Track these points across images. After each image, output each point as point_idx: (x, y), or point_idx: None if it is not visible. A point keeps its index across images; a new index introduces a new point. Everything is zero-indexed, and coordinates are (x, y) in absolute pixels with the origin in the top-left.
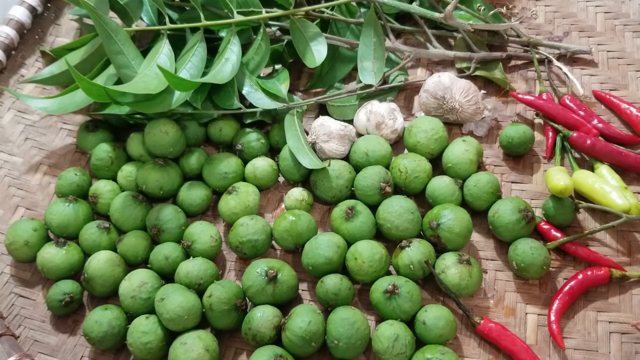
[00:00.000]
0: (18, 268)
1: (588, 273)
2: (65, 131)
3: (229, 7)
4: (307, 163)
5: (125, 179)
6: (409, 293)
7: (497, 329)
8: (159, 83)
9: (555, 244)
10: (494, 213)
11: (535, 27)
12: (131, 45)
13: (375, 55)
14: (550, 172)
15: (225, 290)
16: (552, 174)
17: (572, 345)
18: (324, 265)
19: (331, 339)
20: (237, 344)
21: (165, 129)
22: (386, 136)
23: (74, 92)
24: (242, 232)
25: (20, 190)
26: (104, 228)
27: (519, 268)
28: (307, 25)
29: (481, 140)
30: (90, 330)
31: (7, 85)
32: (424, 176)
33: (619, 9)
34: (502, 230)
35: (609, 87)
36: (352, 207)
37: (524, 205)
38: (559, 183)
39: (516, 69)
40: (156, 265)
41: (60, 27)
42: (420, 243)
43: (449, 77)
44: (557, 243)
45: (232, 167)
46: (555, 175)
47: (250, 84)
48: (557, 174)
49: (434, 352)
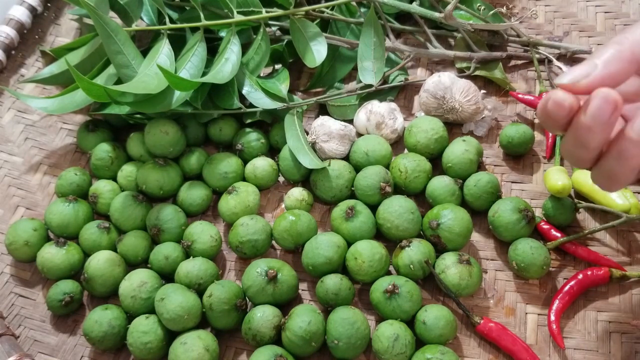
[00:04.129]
0: (18, 268)
1: (588, 273)
2: (65, 131)
3: (229, 7)
4: (307, 163)
5: (125, 179)
6: (409, 293)
7: (497, 329)
8: (159, 83)
9: (555, 244)
10: (494, 213)
11: (535, 27)
12: (131, 45)
13: (375, 55)
14: (549, 172)
15: (225, 290)
16: (550, 174)
17: (572, 345)
18: (324, 265)
19: (331, 339)
20: (237, 344)
21: (165, 129)
22: (386, 136)
23: (74, 92)
24: (242, 232)
25: (20, 190)
26: (104, 228)
27: (519, 268)
28: (307, 25)
29: (481, 140)
30: (90, 330)
31: (7, 85)
32: (424, 176)
33: (619, 9)
34: (502, 230)
35: None
36: (352, 207)
37: (524, 205)
38: (557, 183)
39: (516, 68)
40: (156, 265)
41: (60, 27)
42: (420, 243)
43: (449, 77)
44: (557, 243)
45: (232, 167)
46: (554, 175)
47: (250, 84)
48: (556, 174)
49: (434, 352)
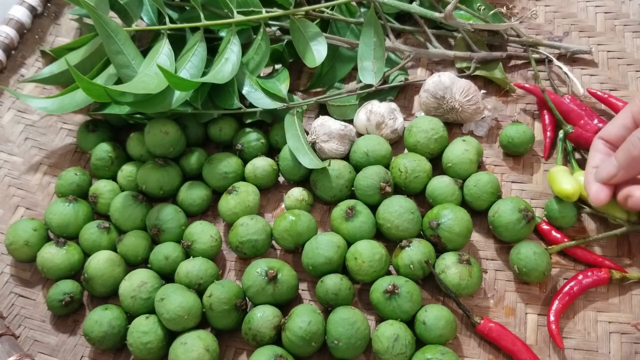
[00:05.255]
0: (18, 268)
1: (588, 274)
2: (65, 131)
3: (229, 7)
4: (307, 163)
5: (125, 179)
6: (409, 293)
7: (497, 329)
8: (159, 83)
9: (557, 249)
10: (494, 213)
11: (535, 27)
12: (131, 45)
13: (375, 55)
14: (556, 174)
15: (225, 290)
16: (558, 176)
17: (572, 345)
18: (324, 265)
19: (331, 339)
20: (237, 344)
21: (165, 129)
22: (386, 136)
23: (74, 92)
24: (242, 232)
25: (20, 190)
26: (104, 228)
27: (521, 272)
28: (307, 25)
29: (481, 140)
30: (90, 330)
31: (7, 85)
32: (424, 176)
33: (619, 9)
34: (502, 230)
35: (608, 87)
36: (352, 207)
37: (524, 205)
38: (567, 187)
39: (516, 68)
40: (156, 265)
41: (60, 27)
42: (420, 243)
43: (449, 76)
44: (559, 248)
45: (232, 167)
46: (563, 178)
47: (250, 84)
48: (564, 177)
49: (434, 352)
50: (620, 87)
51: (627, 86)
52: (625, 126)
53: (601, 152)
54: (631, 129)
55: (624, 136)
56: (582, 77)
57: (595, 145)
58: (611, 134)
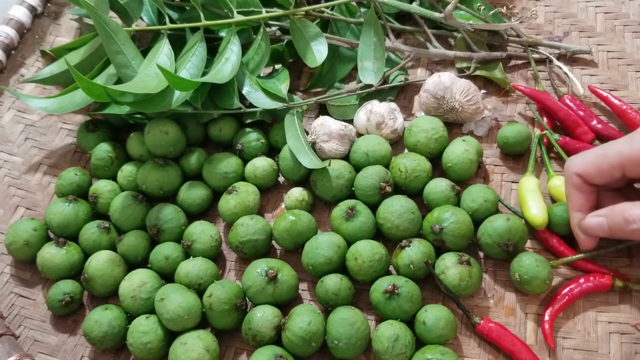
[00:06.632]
0: (18, 268)
1: (590, 278)
2: (65, 131)
3: (229, 7)
4: (307, 163)
5: (125, 179)
6: (409, 293)
7: (497, 329)
8: (159, 83)
9: (558, 263)
10: (481, 235)
11: (535, 27)
12: (131, 45)
13: (375, 55)
14: (525, 193)
15: (225, 290)
16: (526, 197)
17: (572, 345)
18: (324, 265)
19: (331, 339)
20: (237, 344)
21: (165, 129)
22: (386, 136)
23: (74, 92)
24: (242, 232)
25: (20, 190)
26: (104, 228)
27: (522, 280)
28: (307, 25)
29: (481, 140)
30: (90, 330)
31: (7, 85)
32: (424, 176)
33: (619, 9)
34: (490, 253)
35: (608, 87)
36: (352, 207)
37: (507, 236)
38: (536, 215)
39: (516, 68)
40: (156, 265)
41: (60, 27)
42: (420, 243)
43: (449, 76)
44: (560, 262)
45: (232, 167)
46: (530, 200)
47: (250, 84)
48: (532, 197)
49: (434, 352)
50: (620, 87)
51: (627, 86)
52: (600, 166)
53: (579, 190)
54: (606, 171)
55: (601, 172)
56: (582, 77)
57: (572, 180)
58: (588, 172)
